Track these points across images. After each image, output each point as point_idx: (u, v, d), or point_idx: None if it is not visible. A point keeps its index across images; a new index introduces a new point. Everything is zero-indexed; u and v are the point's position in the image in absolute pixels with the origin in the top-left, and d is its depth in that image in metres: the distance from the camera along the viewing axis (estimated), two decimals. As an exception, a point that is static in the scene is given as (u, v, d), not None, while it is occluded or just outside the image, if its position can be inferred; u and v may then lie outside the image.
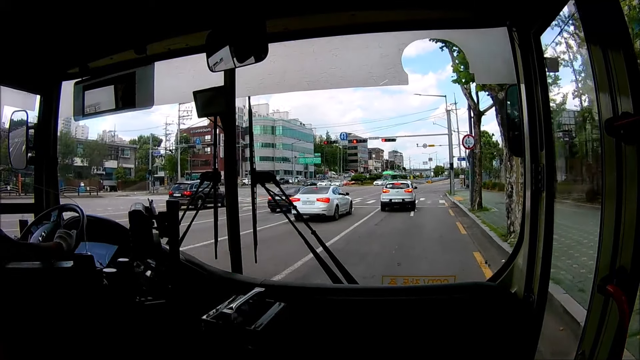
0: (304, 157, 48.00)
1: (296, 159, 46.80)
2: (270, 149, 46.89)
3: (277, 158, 46.72)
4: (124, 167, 36.59)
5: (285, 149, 47.15)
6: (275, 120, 49.67)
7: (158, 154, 36.91)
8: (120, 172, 36.03)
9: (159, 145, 37.94)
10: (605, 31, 0.95)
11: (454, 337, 1.50)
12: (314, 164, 50.53)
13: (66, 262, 1.40)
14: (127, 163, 37.41)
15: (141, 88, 1.78)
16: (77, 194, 24.13)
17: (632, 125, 0.88)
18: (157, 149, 37.30)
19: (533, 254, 1.41)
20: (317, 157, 50.12)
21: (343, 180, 42.45)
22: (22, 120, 2.06)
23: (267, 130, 48.06)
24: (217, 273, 1.79)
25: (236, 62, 1.47)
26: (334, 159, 55.54)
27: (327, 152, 53.94)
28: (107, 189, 31.94)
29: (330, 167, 54.32)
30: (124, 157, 37.63)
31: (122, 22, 1.55)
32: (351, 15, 1.55)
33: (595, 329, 1.03)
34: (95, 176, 33.26)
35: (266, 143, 47.15)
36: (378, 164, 61.58)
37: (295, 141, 47.47)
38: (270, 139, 47.54)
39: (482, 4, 1.47)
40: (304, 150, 49.17)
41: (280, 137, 47.90)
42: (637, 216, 0.91)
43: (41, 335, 1.36)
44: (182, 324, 1.47)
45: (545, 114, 1.35)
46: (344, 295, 1.64)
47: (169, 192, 19.53)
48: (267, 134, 47.87)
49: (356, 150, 59.26)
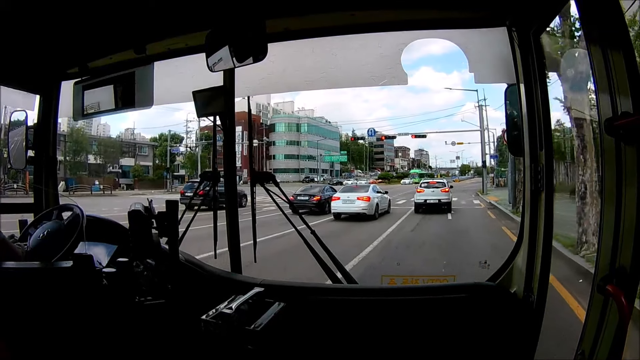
0: (329, 155, 46.60)
1: (322, 157, 45.26)
2: (295, 147, 45.61)
3: (302, 156, 45.43)
4: (141, 165, 35.32)
5: (310, 146, 45.72)
6: (300, 117, 48.25)
7: (177, 151, 35.85)
8: (137, 170, 34.66)
9: (181, 142, 36.88)
10: (605, 31, 0.95)
11: (453, 337, 1.50)
12: (339, 162, 49.09)
13: (66, 262, 1.40)
14: (145, 161, 36.12)
15: (141, 88, 1.78)
16: (90, 192, 23.85)
17: (631, 125, 0.88)
18: (175, 146, 36.28)
19: (533, 254, 1.41)
20: (343, 155, 48.53)
21: (369, 179, 41.04)
22: (21, 120, 2.06)
23: (291, 127, 46.72)
24: (217, 273, 1.79)
25: (235, 62, 1.47)
26: (360, 157, 54.08)
27: (353, 150, 52.60)
28: (123, 187, 30.94)
29: (357, 165, 52.88)
30: (141, 155, 36.32)
31: (121, 22, 1.55)
32: (351, 15, 1.55)
33: (595, 328, 1.03)
34: (110, 174, 32.26)
35: (291, 141, 45.88)
36: (404, 162, 60.53)
37: (320, 139, 46.19)
38: (295, 136, 46.20)
39: (482, 4, 1.47)
40: (329, 148, 47.86)
41: (306, 134, 46.54)
42: (636, 216, 0.91)
43: (41, 335, 1.36)
44: (181, 324, 1.47)
45: (544, 114, 1.35)
46: (343, 295, 1.64)
47: (181, 192, 18.33)
48: (292, 132, 46.55)
49: (382, 149, 57.50)
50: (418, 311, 1.54)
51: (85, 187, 25.59)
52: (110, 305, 1.39)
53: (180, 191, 19.69)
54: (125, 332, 1.41)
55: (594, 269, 1.05)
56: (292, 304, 1.41)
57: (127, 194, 26.67)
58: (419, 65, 69.26)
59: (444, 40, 1.67)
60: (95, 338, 1.38)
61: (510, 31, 1.43)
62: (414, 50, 63.88)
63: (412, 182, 37.57)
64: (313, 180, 39.50)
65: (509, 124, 1.60)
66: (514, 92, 1.51)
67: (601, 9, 0.94)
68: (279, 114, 47.88)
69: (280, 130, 46.04)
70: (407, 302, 1.58)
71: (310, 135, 46.19)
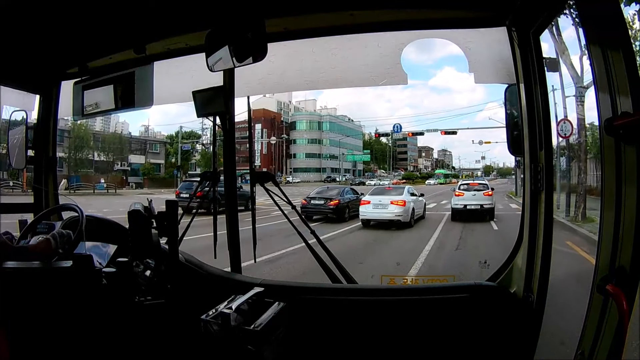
0: (352, 154, 44.01)
1: (344, 156, 42.90)
2: (316, 146, 43.28)
3: (323, 155, 43.29)
4: (151, 163, 33.71)
5: (332, 145, 43.28)
6: (322, 115, 45.88)
7: (187, 147, 34.20)
8: (147, 168, 32.92)
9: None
10: (605, 31, 0.95)
11: (453, 336, 1.50)
12: (362, 162, 46.24)
13: (65, 262, 1.40)
14: (156, 158, 34.39)
15: (140, 88, 1.78)
16: (93, 191, 22.95)
17: (631, 124, 0.88)
18: (186, 143, 34.55)
19: (532, 254, 1.41)
20: (366, 154, 45.54)
21: (392, 179, 38.81)
22: (21, 120, 2.06)
23: (313, 125, 44.35)
24: (217, 273, 1.79)
25: (235, 62, 1.48)
26: (384, 157, 51.66)
27: (376, 149, 50.05)
28: (132, 185, 29.51)
29: (380, 165, 50.52)
30: (153, 152, 34.60)
31: (121, 22, 1.55)
32: (350, 15, 1.54)
33: (595, 328, 1.03)
34: (118, 172, 30.73)
35: (312, 139, 43.46)
36: (428, 162, 59.36)
37: (342, 137, 43.56)
38: (316, 134, 43.74)
39: (482, 4, 1.47)
40: (352, 147, 45.45)
41: (327, 132, 44.08)
42: (636, 216, 0.91)
43: (41, 334, 1.36)
44: (181, 323, 1.47)
45: (544, 114, 1.34)
46: (343, 295, 1.64)
47: (176, 192, 16.19)
48: (314, 130, 44.12)
49: (406, 149, 55.15)
50: (418, 311, 1.54)
51: (89, 186, 24.60)
52: (110, 305, 1.39)
53: (175, 192, 17.36)
54: (125, 331, 1.41)
55: (593, 269, 1.05)
56: (292, 304, 1.40)
57: (133, 192, 25.28)
58: (441, 65, 68.59)
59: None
60: (95, 338, 1.39)
61: (510, 31, 1.43)
62: (437, 50, 62.25)
63: (437, 183, 36.30)
64: (335, 180, 38.02)
65: (509, 124, 1.60)
66: (514, 92, 1.51)
67: (601, 9, 0.94)
68: (300, 112, 46.02)
69: (301, 128, 44.18)
70: (407, 302, 1.57)
71: (332, 133, 44.04)
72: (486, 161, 52.11)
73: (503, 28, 1.46)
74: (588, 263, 5.67)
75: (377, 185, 21.21)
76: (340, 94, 77.01)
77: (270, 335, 1.26)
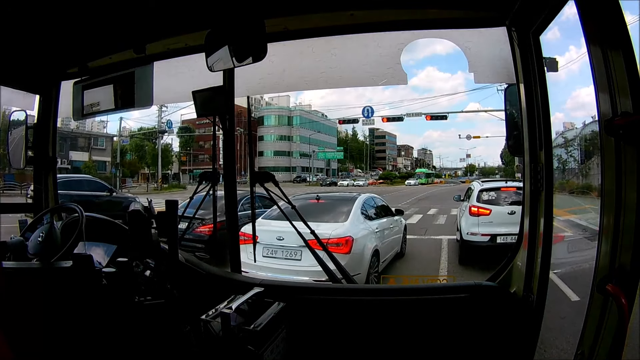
0: (323, 152, 39.76)
1: (315, 153, 39.05)
2: (286, 142, 39.41)
3: (294, 153, 39.87)
4: (94, 161, 30.17)
5: (303, 142, 39.70)
6: (291, 109, 41.67)
7: (126, 142, 31.45)
8: (89, 166, 28.78)
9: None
10: (605, 31, 0.95)
11: (453, 336, 1.50)
12: (337, 161, 42.46)
13: (65, 262, 1.40)
14: (101, 155, 30.90)
15: (140, 88, 1.78)
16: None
17: (631, 124, 0.88)
18: (126, 138, 31.54)
19: (532, 254, 1.41)
20: (339, 151, 41.22)
21: (369, 180, 36.19)
22: (21, 120, 2.06)
23: (282, 120, 39.62)
24: (216, 273, 1.79)
25: (235, 62, 1.48)
26: (360, 155, 48.88)
27: (353, 148, 47.31)
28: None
29: (356, 164, 48.32)
30: (97, 149, 31.13)
31: (121, 21, 1.55)
32: (350, 15, 1.55)
33: (595, 328, 1.03)
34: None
35: (282, 136, 39.23)
36: (407, 161, 58.34)
37: (313, 133, 39.42)
38: (286, 130, 39.58)
39: (482, 4, 1.47)
40: (327, 145, 42.29)
41: (298, 128, 40.05)
42: (636, 215, 0.91)
43: (41, 334, 1.36)
44: (181, 323, 1.47)
45: (544, 114, 1.34)
46: (343, 295, 1.64)
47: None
48: (283, 125, 39.56)
49: (384, 147, 53.21)
50: (418, 311, 1.54)
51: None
52: (109, 305, 1.39)
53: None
54: (124, 331, 1.41)
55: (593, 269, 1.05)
56: (292, 304, 1.40)
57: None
58: (424, 65, 68.60)
59: (447, 41, 1.66)
60: (95, 338, 1.38)
61: (510, 31, 1.43)
62: (415, 51, 62.47)
63: (418, 183, 34.85)
64: (305, 180, 35.24)
65: (509, 124, 1.60)
66: (514, 92, 1.51)
67: (601, 9, 0.94)
68: (271, 106, 42.14)
69: (270, 123, 40.21)
70: (407, 302, 1.58)
71: (304, 129, 40.24)
72: (470, 160, 50.68)
73: (503, 28, 1.46)
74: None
75: (351, 184, 16.36)
76: (319, 95, 76.44)
77: (270, 335, 1.26)
